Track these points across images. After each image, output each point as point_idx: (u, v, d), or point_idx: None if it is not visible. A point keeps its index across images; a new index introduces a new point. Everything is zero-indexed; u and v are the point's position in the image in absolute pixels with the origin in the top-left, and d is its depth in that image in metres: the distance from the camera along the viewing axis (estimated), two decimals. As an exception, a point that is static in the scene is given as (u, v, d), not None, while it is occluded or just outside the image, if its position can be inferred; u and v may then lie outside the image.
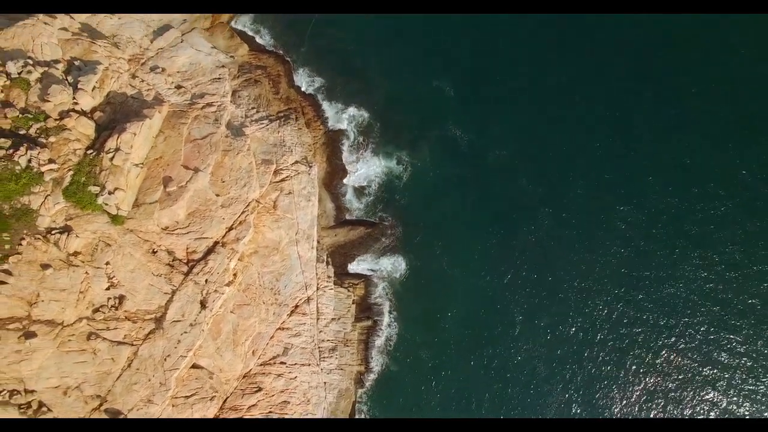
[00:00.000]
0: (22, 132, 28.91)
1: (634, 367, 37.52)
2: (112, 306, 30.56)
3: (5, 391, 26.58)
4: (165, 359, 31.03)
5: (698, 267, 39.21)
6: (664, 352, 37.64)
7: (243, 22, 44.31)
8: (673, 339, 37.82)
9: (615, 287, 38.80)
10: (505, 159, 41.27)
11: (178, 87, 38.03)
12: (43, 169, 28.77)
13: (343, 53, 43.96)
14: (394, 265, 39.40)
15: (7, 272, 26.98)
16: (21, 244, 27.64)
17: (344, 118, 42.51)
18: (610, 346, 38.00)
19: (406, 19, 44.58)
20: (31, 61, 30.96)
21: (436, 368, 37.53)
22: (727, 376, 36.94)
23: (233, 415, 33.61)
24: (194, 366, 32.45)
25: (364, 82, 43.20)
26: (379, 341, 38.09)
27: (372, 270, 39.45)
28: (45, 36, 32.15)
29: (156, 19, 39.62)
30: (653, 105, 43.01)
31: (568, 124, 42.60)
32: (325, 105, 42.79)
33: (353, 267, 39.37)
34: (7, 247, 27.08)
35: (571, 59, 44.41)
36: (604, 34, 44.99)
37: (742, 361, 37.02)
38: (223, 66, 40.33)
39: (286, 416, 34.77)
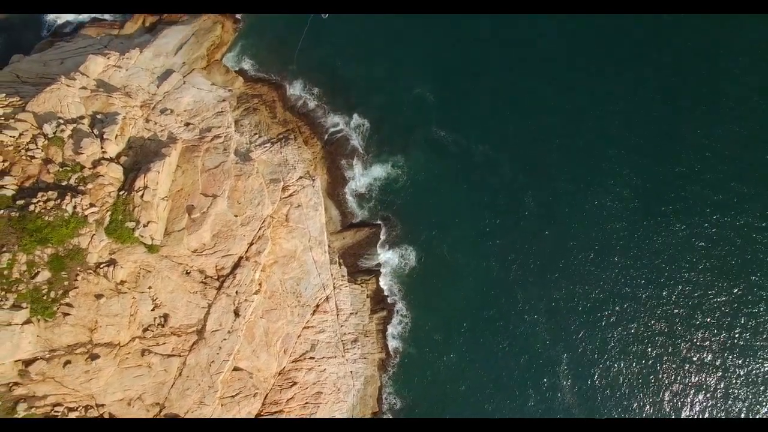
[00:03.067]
0: (64, 183, 32.04)
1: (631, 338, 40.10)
2: (158, 324, 33.04)
3: (80, 407, 30.06)
4: (210, 365, 33.39)
5: (690, 238, 42.10)
6: (659, 339, 39.86)
7: (230, 58, 47.36)
8: (674, 325, 40.20)
9: (603, 260, 42.01)
10: (488, 152, 44.30)
11: (187, 124, 40.50)
12: (86, 213, 31.64)
13: (329, 72, 47.04)
14: (399, 258, 41.92)
15: (69, 305, 30.02)
16: (77, 280, 30.59)
17: (338, 131, 45.23)
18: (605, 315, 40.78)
19: (380, 33, 47.59)
20: (61, 121, 33.88)
21: (450, 348, 40.06)
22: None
23: (274, 409, 35.90)
24: (235, 368, 34.99)
25: (351, 96, 46.13)
26: (395, 329, 40.63)
27: (380, 265, 41.89)
28: (69, 96, 35.19)
29: (159, 66, 43.21)
30: (625, 90, 46.17)
31: (543, 116, 45.64)
32: (319, 122, 45.45)
33: (363, 264, 41.81)
34: (66, 283, 30.22)
35: (543, 56, 47.48)
36: (579, 30, 48.08)
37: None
38: (223, 100, 42.83)
39: (320, 405, 37.09)
